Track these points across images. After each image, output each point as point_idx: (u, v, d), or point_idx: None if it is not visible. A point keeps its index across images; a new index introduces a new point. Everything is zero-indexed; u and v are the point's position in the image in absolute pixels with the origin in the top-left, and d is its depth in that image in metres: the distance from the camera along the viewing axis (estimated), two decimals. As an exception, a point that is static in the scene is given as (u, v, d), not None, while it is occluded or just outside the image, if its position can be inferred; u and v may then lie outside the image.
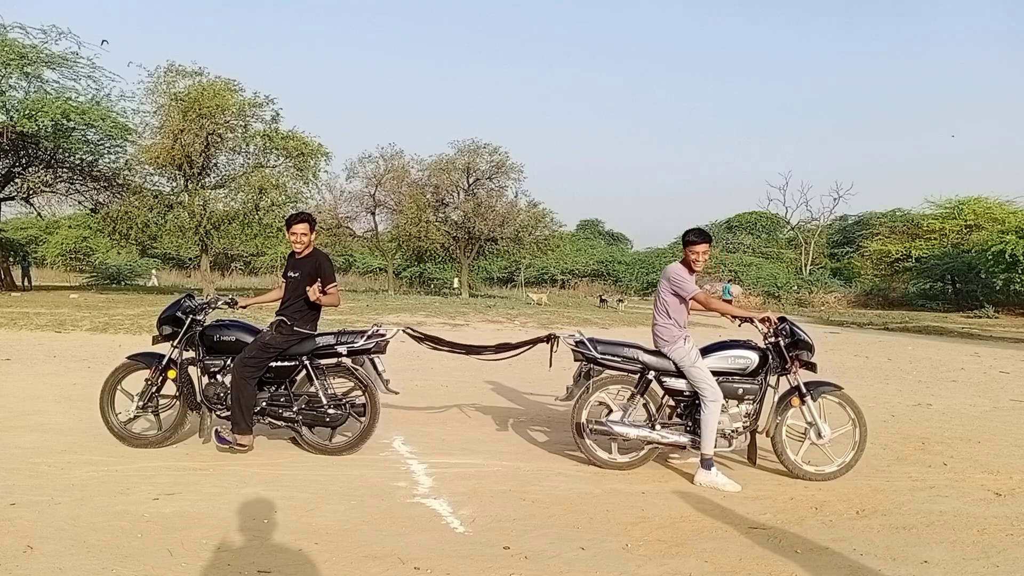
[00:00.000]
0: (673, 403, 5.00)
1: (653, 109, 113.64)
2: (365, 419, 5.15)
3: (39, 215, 28.92)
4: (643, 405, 4.97)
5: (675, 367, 4.86)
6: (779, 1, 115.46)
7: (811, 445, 4.91)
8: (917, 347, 15.44)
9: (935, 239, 38.16)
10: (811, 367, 4.93)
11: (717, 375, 4.81)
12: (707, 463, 4.67)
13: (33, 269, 31.72)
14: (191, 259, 40.34)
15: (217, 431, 4.98)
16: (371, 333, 5.20)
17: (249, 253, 39.78)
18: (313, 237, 5.32)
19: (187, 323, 5.12)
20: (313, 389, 5.14)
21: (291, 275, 5.20)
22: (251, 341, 5.09)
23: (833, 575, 3.33)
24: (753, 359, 4.89)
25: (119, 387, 5.19)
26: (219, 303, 5.38)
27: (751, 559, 3.46)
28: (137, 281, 38.60)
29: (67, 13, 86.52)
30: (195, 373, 5.21)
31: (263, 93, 25.55)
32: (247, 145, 26.11)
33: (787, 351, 4.84)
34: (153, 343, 5.32)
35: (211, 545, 3.43)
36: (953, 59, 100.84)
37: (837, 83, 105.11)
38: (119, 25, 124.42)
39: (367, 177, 35.14)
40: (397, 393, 5.40)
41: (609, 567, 3.34)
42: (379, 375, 5.23)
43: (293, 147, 25.75)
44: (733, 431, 4.82)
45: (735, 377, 4.87)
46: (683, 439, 4.84)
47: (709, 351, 4.95)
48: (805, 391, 4.88)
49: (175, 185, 26.00)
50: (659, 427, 4.90)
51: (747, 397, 4.86)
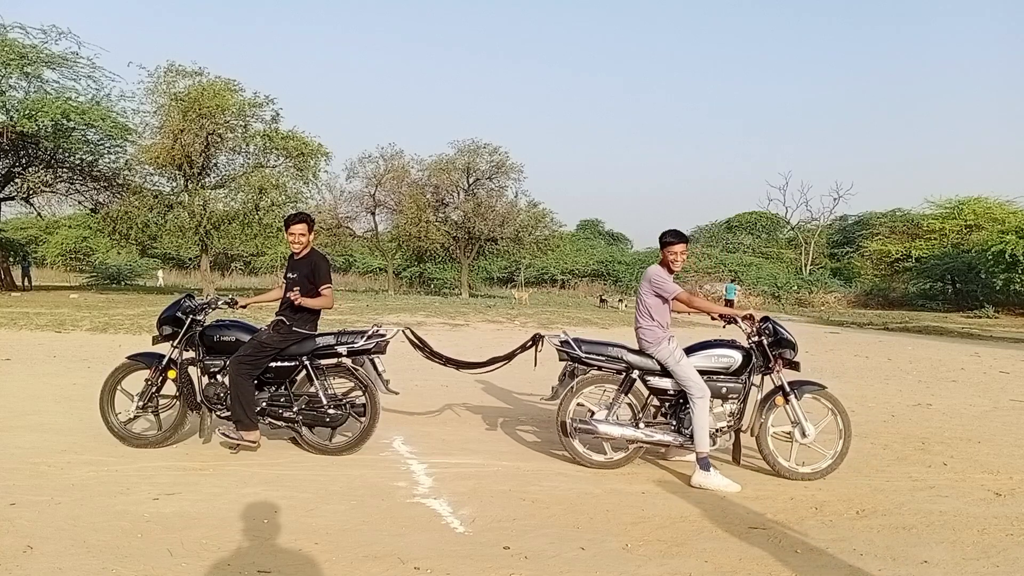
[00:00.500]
0: (658, 402, 5.02)
1: (653, 109, 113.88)
2: (365, 419, 5.14)
3: (39, 215, 28.93)
4: (627, 404, 4.99)
5: (659, 366, 4.88)
6: (779, 1, 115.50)
7: (793, 443, 4.91)
8: (917, 347, 15.44)
9: (935, 239, 38.18)
10: (794, 366, 4.94)
11: (701, 374, 4.82)
12: (704, 463, 4.66)
13: (33, 269, 31.74)
14: (191, 259, 40.34)
15: (222, 432, 4.96)
16: (371, 333, 5.19)
17: (249, 253, 39.80)
18: (312, 237, 5.31)
19: (187, 323, 5.11)
20: (313, 389, 5.14)
21: (290, 276, 5.21)
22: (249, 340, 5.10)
23: (833, 575, 3.33)
24: (736, 358, 4.90)
25: (119, 387, 5.19)
26: (219, 303, 5.38)
27: (751, 559, 3.46)
28: (137, 281, 38.60)
29: (67, 13, 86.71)
30: (195, 373, 5.20)
31: (263, 93, 25.60)
32: (247, 145, 26.12)
33: (770, 350, 4.85)
34: (153, 343, 5.32)
35: (211, 545, 3.43)
36: (953, 59, 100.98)
37: (837, 83, 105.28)
38: (119, 25, 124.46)
39: (367, 177, 35.20)
40: (397, 393, 5.40)
41: (609, 567, 3.34)
42: (379, 375, 5.24)
43: (293, 147, 25.76)
44: (717, 430, 4.83)
45: (719, 376, 4.88)
46: (667, 437, 4.86)
47: (693, 350, 4.96)
48: (789, 390, 4.88)
49: (175, 185, 26.01)
50: (643, 426, 4.92)
51: (731, 396, 4.87)
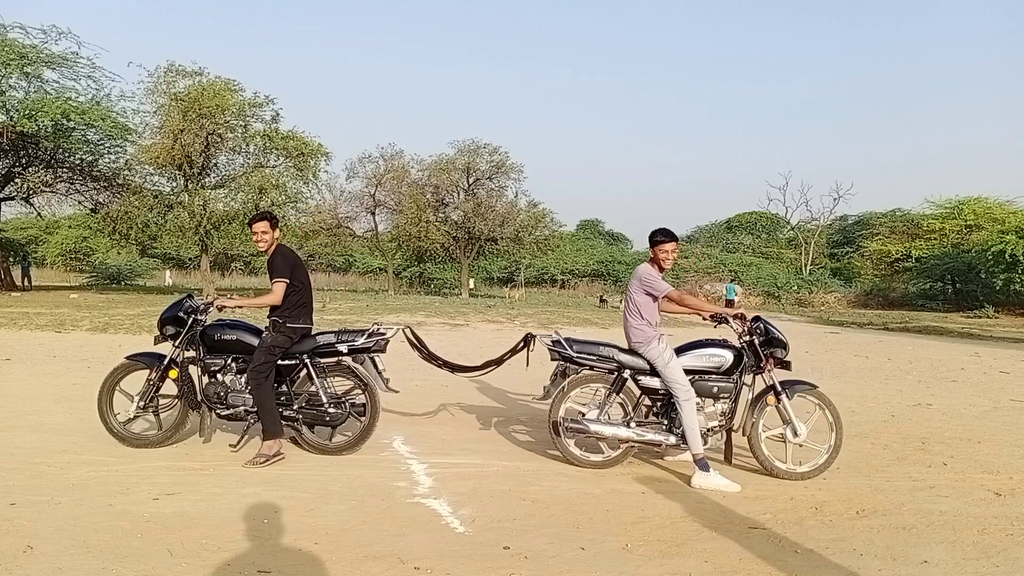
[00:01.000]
0: (649, 402, 5.02)
1: (653, 109, 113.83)
2: (365, 418, 5.14)
3: (39, 215, 28.94)
4: (619, 404, 5.00)
5: (650, 366, 4.88)
6: (779, 1, 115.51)
7: (787, 444, 4.90)
8: (917, 347, 15.44)
9: (935, 239, 38.19)
10: (786, 365, 4.94)
11: (692, 374, 4.83)
12: (702, 464, 4.65)
13: (33, 269, 31.75)
14: (191, 259, 40.35)
15: (255, 463, 4.80)
16: (371, 332, 5.19)
17: (249, 253, 39.80)
18: (276, 234, 5.18)
19: (189, 323, 5.11)
20: (313, 388, 5.14)
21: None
22: (253, 343, 5.06)
23: (833, 575, 3.33)
24: (728, 358, 4.90)
25: (117, 388, 5.17)
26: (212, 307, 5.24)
27: (751, 559, 3.46)
28: (137, 281, 38.60)
29: (67, 13, 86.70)
30: (195, 372, 5.20)
31: (263, 93, 25.61)
32: (247, 145, 26.13)
33: (762, 349, 4.85)
34: (155, 343, 5.30)
35: (211, 545, 3.43)
36: (953, 59, 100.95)
37: (837, 83, 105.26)
38: (119, 25, 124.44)
39: (367, 177, 35.22)
40: (397, 392, 5.40)
41: (609, 567, 3.34)
42: (379, 374, 5.23)
43: (293, 147, 25.77)
44: (709, 430, 4.83)
45: (710, 376, 4.88)
46: (658, 437, 4.86)
47: (684, 350, 4.96)
48: (780, 389, 4.89)
49: (175, 185, 26.01)
50: (634, 425, 4.92)
51: (722, 396, 4.88)
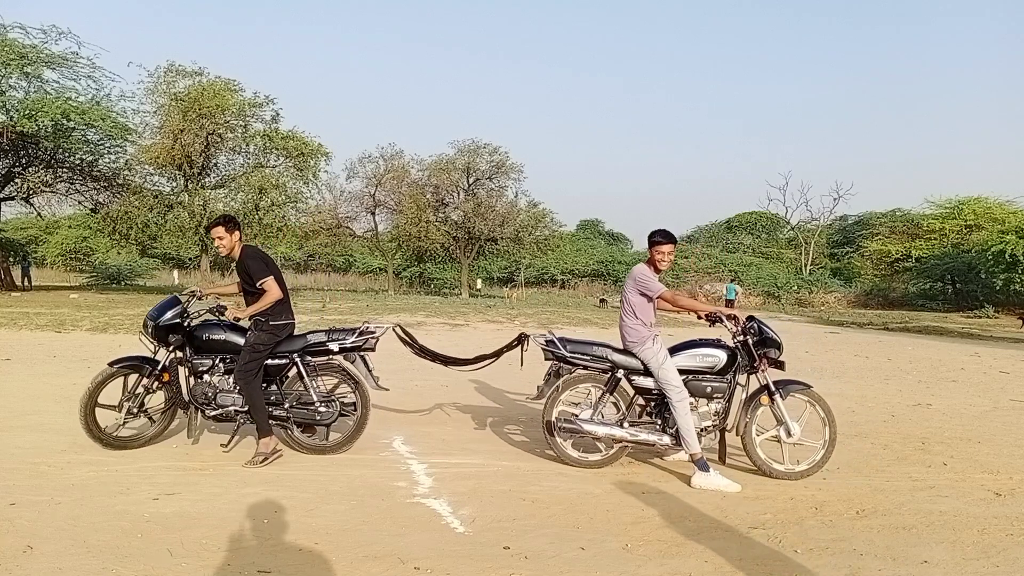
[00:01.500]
0: (643, 401, 5.02)
1: (653, 109, 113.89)
2: (356, 416, 5.15)
3: (39, 215, 28.93)
4: (613, 403, 5.00)
5: (644, 366, 4.88)
6: (779, 1, 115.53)
7: (782, 444, 4.91)
8: (917, 347, 15.44)
9: (935, 239, 38.20)
10: (779, 365, 4.94)
11: (686, 373, 4.83)
12: (702, 464, 4.65)
13: (33, 269, 31.73)
14: (191, 259, 40.35)
15: (254, 463, 4.80)
16: (361, 330, 5.19)
17: (249, 253, 39.69)
18: (237, 237, 5.11)
19: (185, 326, 5.06)
20: (303, 387, 5.14)
21: (244, 283, 5.13)
22: (240, 343, 5.02)
23: (833, 575, 3.33)
24: (721, 358, 4.90)
25: (97, 402, 4.99)
26: (194, 301, 5.18)
27: (751, 559, 3.46)
28: (137, 281, 38.58)
29: (67, 13, 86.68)
30: (182, 373, 5.16)
31: (263, 93, 25.66)
32: (247, 145, 26.15)
33: (755, 349, 4.85)
34: (152, 343, 5.16)
35: (211, 545, 3.43)
36: (953, 59, 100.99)
37: (837, 83, 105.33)
38: (119, 25, 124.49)
39: (367, 177, 35.21)
40: (387, 390, 5.40)
41: (609, 567, 3.34)
42: (369, 372, 5.23)
43: (293, 147, 25.79)
44: (703, 430, 4.83)
45: (704, 376, 4.88)
46: (652, 437, 4.86)
47: (678, 350, 4.96)
48: (774, 389, 4.89)
49: (175, 185, 26.04)
50: (628, 425, 4.92)
51: (716, 395, 4.88)
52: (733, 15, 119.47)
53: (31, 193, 25.82)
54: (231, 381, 5.07)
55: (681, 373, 4.80)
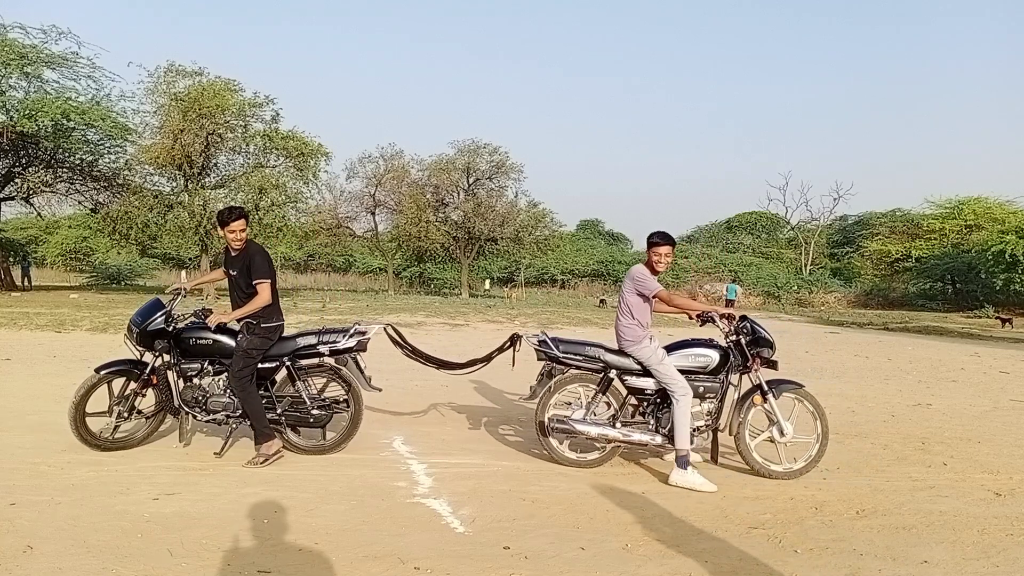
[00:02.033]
0: (635, 402, 5.02)
1: (653, 109, 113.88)
2: (349, 416, 5.13)
3: (39, 215, 28.94)
4: (605, 403, 5.00)
5: (638, 366, 4.88)
6: (779, 1, 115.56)
7: (776, 444, 4.90)
8: (917, 347, 15.44)
9: (935, 239, 38.21)
10: (772, 365, 4.94)
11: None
12: (682, 462, 4.66)
13: (33, 269, 31.74)
14: (191, 259, 40.34)
15: (254, 463, 4.79)
16: (352, 332, 5.14)
17: (249, 253, 39.69)
18: (248, 231, 5.07)
19: (171, 330, 4.97)
20: (295, 390, 5.11)
21: (232, 273, 5.04)
22: (229, 345, 4.97)
23: (833, 575, 3.33)
24: (714, 357, 4.90)
25: (86, 413, 4.91)
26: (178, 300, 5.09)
27: (751, 559, 3.46)
28: (137, 281, 38.59)
29: (67, 13, 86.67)
30: (172, 377, 5.07)
31: (263, 93, 25.67)
32: (247, 145, 26.16)
33: (748, 349, 4.85)
34: (136, 347, 5.08)
35: (211, 545, 3.43)
36: (953, 59, 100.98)
37: (837, 83, 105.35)
38: (119, 25, 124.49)
39: (367, 177, 35.24)
40: (380, 390, 5.37)
41: (609, 567, 3.34)
42: (361, 372, 5.20)
43: (293, 147, 25.79)
44: (696, 429, 4.84)
45: (697, 376, 4.88)
46: (645, 437, 4.86)
47: (671, 350, 4.96)
48: (767, 389, 4.89)
49: (175, 185, 26.04)
50: (620, 425, 4.92)
51: (709, 395, 4.88)
52: (733, 15, 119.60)
53: (31, 193, 25.84)
54: (221, 384, 5.03)
55: None
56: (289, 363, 5.08)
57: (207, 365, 5.04)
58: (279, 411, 5.05)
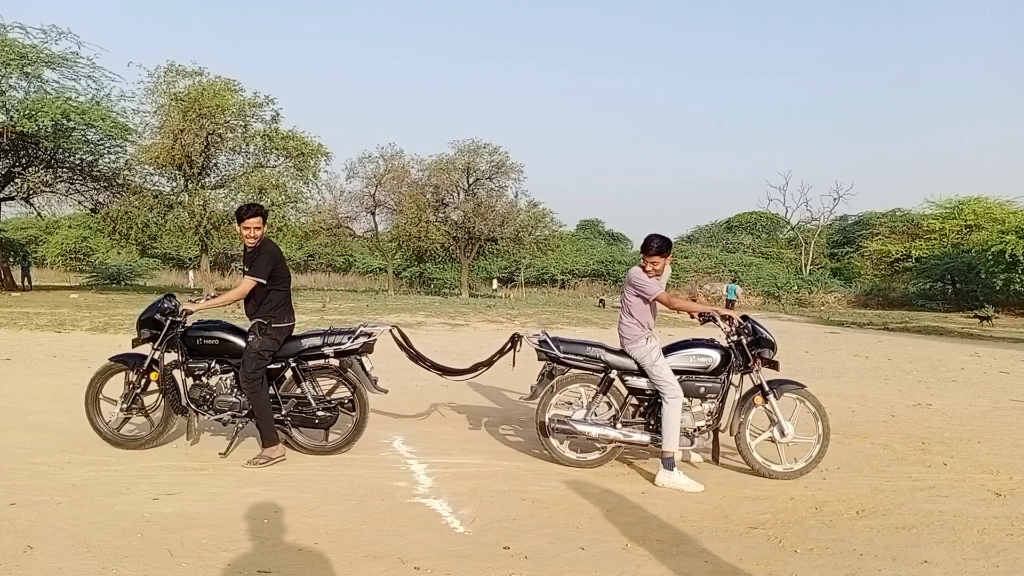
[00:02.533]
0: (636, 402, 5.01)
1: (653, 109, 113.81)
2: (355, 418, 5.11)
3: (39, 215, 28.95)
4: (606, 403, 5.00)
5: (637, 366, 4.88)
6: (779, 1, 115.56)
7: (777, 444, 4.90)
8: (917, 347, 15.44)
9: (935, 239, 38.22)
10: (773, 365, 4.93)
11: (679, 374, 4.82)
12: (668, 463, 4.66)
13: (33, 269, 31.74)
14: (191, 259, 40.36)
15: (255, 463, 4.80)
16: (358, 333, 5.10)
17: (249, 252, 39.67)
18: (265, 229, 5.03)
19: (167, 325, 4.94)
20: (300, 391, 5.09)
21: (245, 270, 4.99)
22: (238, 345, 4.96)
23: (833, 575, 3.33)
24: (715, 357, 4.90)
25: (102, 394, 5.09)
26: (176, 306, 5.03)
27: (751, 559, 3.46)
28: (137, 281, 38.58)
29: (67, 13, 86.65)
30: (179, 376, 5.09)
31: (263, 93, 25.68)
32: (247, 145, 26.17)
33: (749, 349, 4.85)
34: (133, 345, 5.15)
35: (211, 545, 3.43)
36: (953, 59, 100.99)
37: (837, 83, 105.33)
38: (119, 25, 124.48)
39: (367, 177, 35.26)
40: (386, 392, 5.34)
41: (609, 567, 3.34)
42: (367, 374, 5.16)
43: (293, 147, 25.80)
44: (696, 430, 4.83)
45: (697, 376, 4.88)
46: (645, 437, 4.86)
47: (671, 350, 4.96)
48: (768, 389, 4.88)
49: (175, 185, 26.04)
50: (621, 426, 4.92)
51: (709, 396, 4.87)
52: (733, 15, 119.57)
53: (31, 193, 25.84)
54: (228, 383, 5.04)
55: (675, 374, 4.80)
56: (294, 364, 5.06)
57: (214, 364, 5.04)
58: (284, 411, 5.04)
